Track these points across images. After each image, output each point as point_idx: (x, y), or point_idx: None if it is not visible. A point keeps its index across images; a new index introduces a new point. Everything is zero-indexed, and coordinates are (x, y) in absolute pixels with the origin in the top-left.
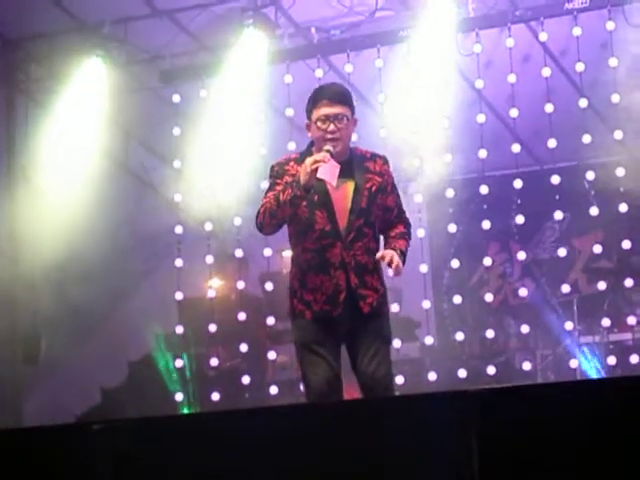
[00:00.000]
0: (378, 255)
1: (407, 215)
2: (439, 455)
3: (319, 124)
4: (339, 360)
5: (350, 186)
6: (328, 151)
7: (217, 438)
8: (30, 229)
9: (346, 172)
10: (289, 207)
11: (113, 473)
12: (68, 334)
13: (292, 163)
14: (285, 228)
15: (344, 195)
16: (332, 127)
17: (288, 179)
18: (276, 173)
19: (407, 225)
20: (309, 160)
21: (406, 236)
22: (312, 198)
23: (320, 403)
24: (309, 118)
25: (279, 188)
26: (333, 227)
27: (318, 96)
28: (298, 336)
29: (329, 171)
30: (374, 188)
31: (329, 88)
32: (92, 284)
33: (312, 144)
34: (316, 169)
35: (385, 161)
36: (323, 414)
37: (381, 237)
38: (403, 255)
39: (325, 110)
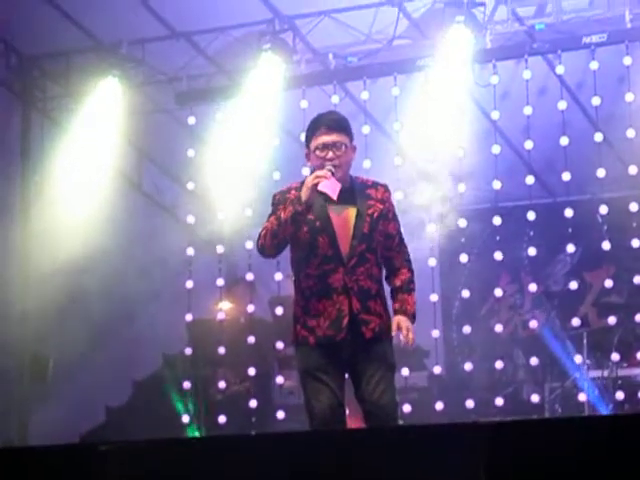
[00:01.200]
0: (393, 327)
1: (408, 249)
2: None
3: (318, 152)
4: (343, 388)
5: (352, 212)
6: (330, 170)
7: (223, 462)
8: (42, 246)
9: (347, 198)
10: (290, 225)
11: None
12: (76, 352)
13: (293, 191)
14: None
15: (346, 220)
16: (331, 154)
17: None
18: (277, 201)
19: (409, 263)
20: (310, 176)
21: (412, 285)
22: (314, 223)
23: (326, 431)
24: (308, 147)
25: (280, 213)
26: (335, 252)
27: (316, 125)
28: (302, 363)
29: (330, 186)
30: (376, 214)
31: (327, 116)
32: (102, 303)
33: (313, 173)
34: (317, 184)
35: (386, 189)
36: (329, 442)
37: (382, 264)
38: (414, 317)
39: (323, 138)
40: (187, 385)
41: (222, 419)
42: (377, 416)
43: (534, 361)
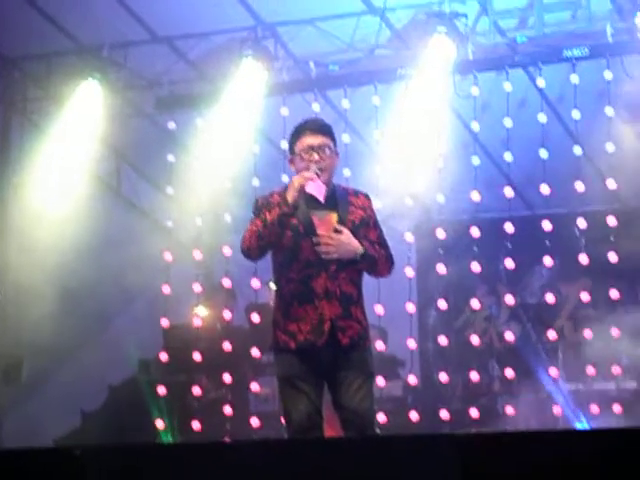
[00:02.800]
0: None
1: (391, 251)
2: None
3: (303, 154)
4: (321, 396)
5: (334, 217)
6: (315, 172)
7: (197, 469)
8: (19, 249)
9: (330, 204)
10: (277, 227)
11: None
12: (50, 355)
13: (276, 195)
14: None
15: (328, 226)
16: (316, 157)
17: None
18: (261, 205)
19: (388, 255)
20: (296, 177)
21: (381, 251)
22: (297, 228)
23: (301, 439)
24: (292, 151)
25: (265, 216)
26: (318, 257)
27: (301, 128)
28: (281, 370)
29: (317, 188)
30: (357, 221)
31: (311, 120)
32: (78, 306)
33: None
34: (304, 185)
35: (367, 197)
36: (303, 450)
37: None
38: (364, 254)
39: (309, 140)
40: (162, 390)
41: (197, 425)
42: (355, 423)
43: (509, 373)
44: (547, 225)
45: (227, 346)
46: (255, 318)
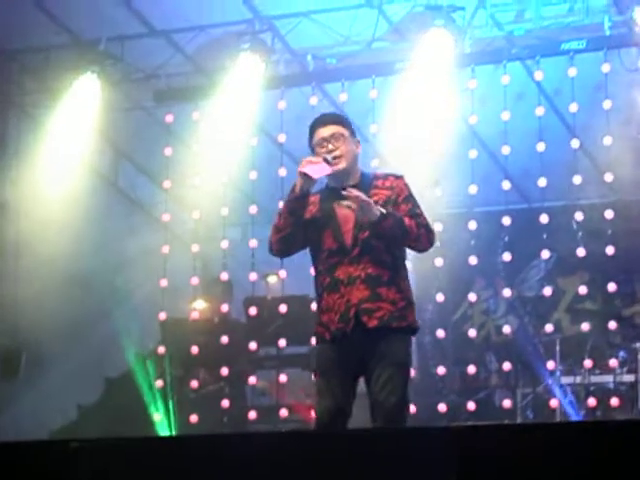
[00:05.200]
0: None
1: (427, 222)
2: None
3: (318, 149)
4: (349, 392)
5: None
6: (325, 158)
7: (194, 461)
8: (16, 242)
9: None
10: (289, 215)
11: None
12: (49, 348)
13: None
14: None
15: (349, 212)
16: (330, 146)
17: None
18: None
19: (421, 224)
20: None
21: (412, 221)
22: (320, 220)
23: (298, 432)
24: (312, 150)
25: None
26: (339, 244)
27: (312, 124)
28: (314, 363)
29: (315, 169)
30: (380, 201)
31: (321, 114)
32: (75, 299)
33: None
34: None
35: (398, 177)
36: (301, 444)
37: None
38: (390, 215)
39: (320, 133)
40: (159, 383)
41: (194, 418)
42: (381, 418)
43: (507, 366)
44: (544, 218)
45: (224, 339)
46: (252, 311)
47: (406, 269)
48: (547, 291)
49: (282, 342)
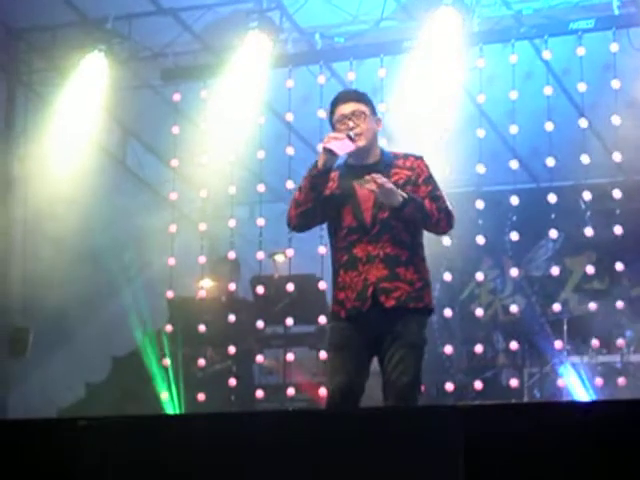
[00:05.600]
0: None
1: (447, 205)
2: (425, 469)
3: (338, 125)
4: (362, 370)
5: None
6: (348, 135)
7: (202, 440)
8: (24, 220)
9: (373, 171)
10: (310, 190)
11: (98, 470)
12: (56, 326)
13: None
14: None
15: (369, 191)
16: (351, 124)
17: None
18: (303, 178)
19: (441, 207)
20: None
21: (432, 204)
22: (339, 197)
23: (304, 411)
24: (332, 127)
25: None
26: (359, 222)
27: (333, 101)
28: (328, 339)
29: (339, 145)
30: (401, 181)
31: (342, 91)
32: (83, 278)
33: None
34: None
35: (418, 157)
36: (308, 423)
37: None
38: (412, 200)
39: (341, 109)
40: (167, 362)
41: (201, 397)
42: (392, 397)
43: (514, 346)
44: (552, 198)
45: (232, 318)
46: (260, 290)
47: (423, 249)
48: (555, 271)
49: (289, 321)
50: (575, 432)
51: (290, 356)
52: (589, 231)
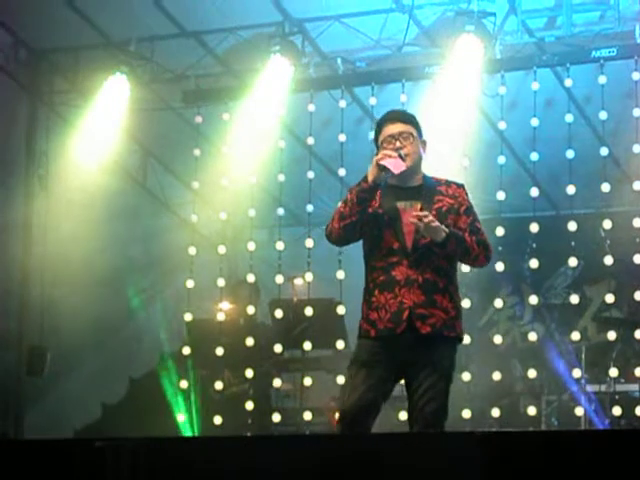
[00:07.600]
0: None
1: (485, 238)
2: None
3: (385, 145)
4: (385, 391)
5: (418, 206)
6: (399, 154)
7: (217, 463)
8: (44, 241)
9: (416, 195)
10: (357, 205)
11: None
12: (74, 347)
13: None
14: None
15: (412, 215)
16: (398, 144)
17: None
18: (349, 190)
19: (480, 241)
20: (377, 155)
21: (472, 237)
22: (382, 217)
23: (324, 435)
24: (377, 146)
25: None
26: (400, 245)
27: (381, 120)
28: (354, 354)
29: (393, 163)
30: (444, 208)
31: (391, 111)
32: (102, 299)
33: None
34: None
35: (460, 186)
36: (326, 447)
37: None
38: (454, 236)
39: (389, 130)
40: (184, 384)
41: (218, 420)
42: (418, 423)
43: (532, 373)
44: (572, 226)
45: (250, 341)
46: (278, 314)
47: (457, 278)
48: (574, 299)
49: (307, 345)
50: (592, 461)
51: (307, 380)
52: (609, 259)
